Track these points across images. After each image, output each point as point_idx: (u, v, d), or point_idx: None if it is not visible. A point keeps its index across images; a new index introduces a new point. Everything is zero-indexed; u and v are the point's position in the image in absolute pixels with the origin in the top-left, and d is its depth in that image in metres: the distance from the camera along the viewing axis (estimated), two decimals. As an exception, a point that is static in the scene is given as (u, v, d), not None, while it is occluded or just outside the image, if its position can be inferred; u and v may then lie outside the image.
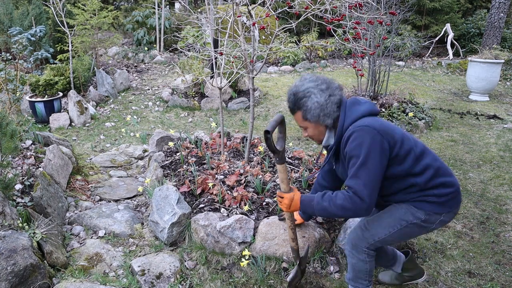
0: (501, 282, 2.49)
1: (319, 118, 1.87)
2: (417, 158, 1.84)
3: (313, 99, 1.84)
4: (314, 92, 1.84)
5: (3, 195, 2.57)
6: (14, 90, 4.76)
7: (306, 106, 1.86)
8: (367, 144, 1.74)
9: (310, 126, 1.93)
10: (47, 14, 7.79)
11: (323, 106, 1.84)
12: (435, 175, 1.86)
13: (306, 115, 1.88)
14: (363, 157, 1.74)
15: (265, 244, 2.57)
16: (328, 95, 1.85)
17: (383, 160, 1.76)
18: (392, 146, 1.78)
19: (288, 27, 2.82)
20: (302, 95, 1.86)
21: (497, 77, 7.26)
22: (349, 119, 1.84)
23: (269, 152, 3.85)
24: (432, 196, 1.87)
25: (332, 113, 1.87)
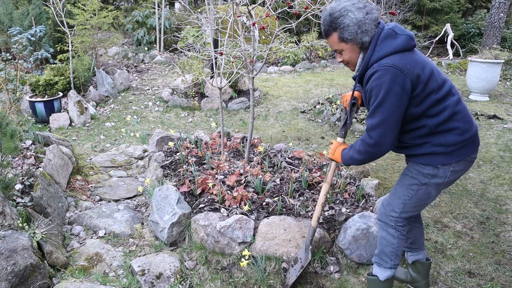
0: (501, 282, 2.49)
1: (356, 35, 1.79)
2: (437, 101, 1.80)
3: (350, 16, 1.77)
4: (351, 10, 1.78)
5: (3, 195, 2.57)
6: (14, 90, 4.76)
7: (344, 23, 1.78)
8: (387, 85, 1.71)
9: (346, 47, 1.86)
10: (47, 14, 7.79)
11: (361, 22, 1.77)
12: (449, 119, 1.81)
13: (343, 34, 1.81)
14: (380, 97, 1.73)
15: (265, 244, 2.57)
16: (366, 12, 1.78)
17: (403, 101, 1.74)
18: (415, 86, 1.75)
19: (288, 27, 2.82)
20: (339, 14, 1.79)
21: (497, 77, 7.26)
22: (377, 54, 1.78)
23: (269, 152, 3.85)
24: (438, 146, 1.83)
25: (370, 29, 1.79)
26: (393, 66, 1.71)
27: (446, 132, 1.83)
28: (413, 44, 1.80)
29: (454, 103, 1.83)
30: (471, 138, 1.86)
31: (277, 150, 3.94)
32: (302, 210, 2.85)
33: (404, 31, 1.81)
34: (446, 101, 1.82)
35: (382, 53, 1.77)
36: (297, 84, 8.06)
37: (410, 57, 1.76)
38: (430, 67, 1.81)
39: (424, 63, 1.79)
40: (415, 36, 1.86)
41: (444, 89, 1.82)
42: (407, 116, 1.82)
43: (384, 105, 1.74)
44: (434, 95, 1.79)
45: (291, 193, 3.05)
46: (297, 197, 3.05)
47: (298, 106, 6.62)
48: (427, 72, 1.78)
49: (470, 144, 1.87)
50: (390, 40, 1.78)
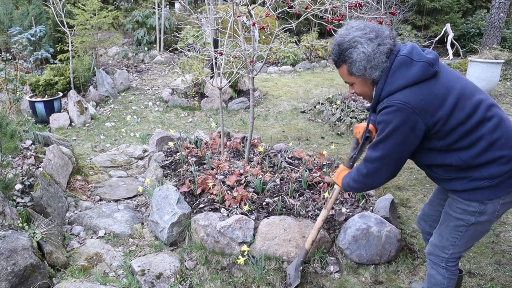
0: (501, 282, 2.49)
1: (365, 71, 1.65)
2: (466, 132, 1.59)
3: (359, 49, 1.61)
4: (361, 42, 1.61)
5: (3, 195, 2.57)
6: (14, 90, 4.76)
7: (352, 58, 1.64)
8: (395, 123, 1.58)
9: (357, 81, 1.72)
10: (47, 14, 7.79)
11: (370, 57, 1.61)
12: (488, 149, 1.59)
13: (351, 68, 1.67)
14: (385, 134, 1.62)
15: (265, 244, 2.57)
16: (377, 44, 1.61)
17: (409, 142, 1.61)
18: (432, 124, 1.58)
19: (288, 27, 2.82)
20: (348, 45, 1.63)
21: (497, 77, 7.26)
22: (388, 87, 1.62)
23: (269, 152, 3.85)
24: (482, 180, 1.62)
25: (380, 64, 1.63)
26: (404, 104, 1.55)
27: (487, 164, 1.61)
28: (432, 71, 1.58)
29: (491, 129, 1.59)
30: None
31: (277, 150, 3.94)
32: (302, 210, 2.85)
33: (422, 57, 1.60)
34: (479, 130, 1.59)
35: (393, 87, 1.60)
36: (297, 84, 8.06)
37: (427, 90, 1.57)
38: (456, 94, 1.59)
39: (447, 91, 1.58)
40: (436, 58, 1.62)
41: (476, 117, 1.59)
42: (432, 150, 1.67)
43: (387, 142, 1.63)
44: (462, 126, 1.58)
45: (291, 193, 3.05)
46: (297, 197, 3.05)
47: (298, 106, 6.62)
48: (450, 104, 1.57)
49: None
50: (404, 70, 1.59)
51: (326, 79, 8.51)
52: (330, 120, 5.71)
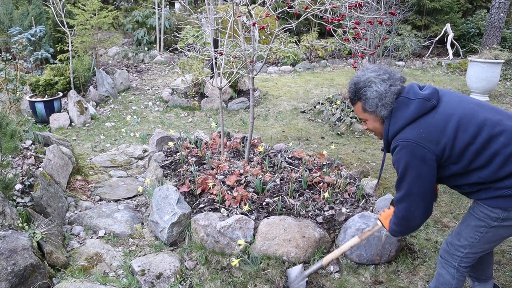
0: (501, 282, 2.49)
1: (376, 108, 1.80)
2: (478, 151, 1.66)
3: (373, 88, 1.78)
4: (375, 82, 1.78)
5: (3, 195, 2.57)
6: (14, 90, 4.76)
7: (366, 96, 1.80)
8: (405, 160, 1.71)
9: (369, 118, 1.87)
10: (47, 14, 7.79)
11: (382, 95, 1.77)
12: (505, 163, 1.64)
13: (365, 105, 1.82)
14: (400, 173, 1.74)
15: (265, 244, 2.57)
16: (389, 85, 1.78)
17: (425, 172, 1.70)
18: (440, 151, 1.68)
19: (288, 27, 2.82)
20: (363, 84, 1.81)
21: (497, 77, 7.26)
22: (392, 128, 1.78)
23: (269, 152, 3.85)
24: (505, 189, 1.66)
25: (390, 103, 1.78)
26: (408, 141, 1.70)
27: (508, 176, 1.65)
28: (429, 105, 1.72)
29: (504, 143, 1.64)
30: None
31: (277, 150, 3.94)
32: (302, 210, 2.85)
33: (418, 94, 1.76)
34: (491, 147, 1.65)
35: (396, 128, 1.76)
36: (297, 84, 8.06)
37: (425, 123, 1.71)
38: (457, 118, 1.69)
39: (446, 118, 1.70)
40: (435, 93, 1.78)
41: (484, 134, 1.66)
42: (455, 174, 1.74)
43: (405, 180, 1.74)
44: (472, 146, 1.66)
45: (291, 193, 3.05)
46: (297, 197, 3.05)
47: (298, 106, 6.62)
48: (451, 129, 1.68)
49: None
50: (402, 111, 1.75)
51: (326, 79, 8.51)
52: (330, 120, 5.71)
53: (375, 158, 4.50)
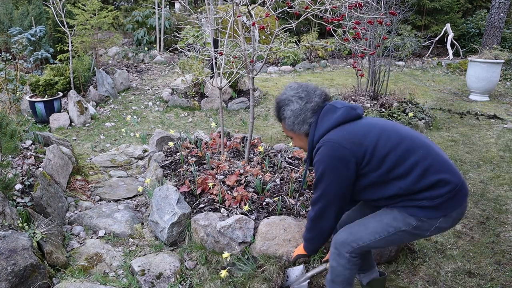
0: (501, 282, 2.49)
1: (294, 127, 1.87)
2: (398, 159, 1.69)
3: (290, 107, 1.85)
4: (292, 100, 1.85)
5: (3, 195, 2.57)
6: (14, 90, 4.76)
7: (284, 115, 1.88)
8: (326, 160, 1.72)
9: (293, 135, 1.94)
10: (47, 14, 7.79)
11: (296, 114, 1.84)
12: (424, 174, 1.67)
13: (285, 122, 1.89)
14: (320, 173, 1.75)
15: (265, 244, 2.57)
16: (305, 102, 1.83)
17: (344, 174, 1.72)
18: (361, 154, 1.70)
19: (288, 27, 2.82)
20: (283, 103, 1.88)
21: (497, 77, 7.26)
22: (318, 132, 1.80)
23: (269, 152, 3.85)
24: (423, 200, 1.69)
25: (306, 119, 1.84)
26: (331, 141, 1.72)
27: (427, 189, 1.69)
28: (355, 113, 1.80)
29: (423, 156, 1.69)
30: (456, 188, 1.69)
31: (277, 150, 3.94)
32: (302, 210, 2.85)
33: (344, 104, 1.82)
34: (411, 158, 1.69)
35: (322, 130, 1.79)
36: (297, 84, 8.06)
37: (350, 127, 1.76)
38: (379, 128, 1.75)
39: (370, 126, 1.76)
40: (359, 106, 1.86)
41: (405, 144, 1.71)
42: (374, 183, 1.75)
43: (323, 181, 1.76)
44: (394, 152, 1.70)
45: (291, 193, 3.05)
46: (297, 197, 3.05)
47: (298, 106, 6.61)
48: (374, 134, 1.72)
49: (456, 195, 1.70)
50: (329, 115, 1.80)
51: (326, 79, 8.51)
52: (330, 120, 5.70)
53: (375, 158, 4.50)
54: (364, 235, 1.83)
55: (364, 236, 1.84)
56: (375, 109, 5.56)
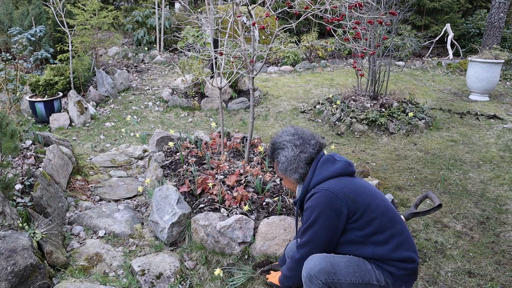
0: (501, 282, 2.49)
1: (286, 172, 1.93)
2: (381, 227, 1.78)
3: (284, 153, 1.91)
4: (287, 146, 1.91)
5: (3, 195, 2.57)
6: (14, 90, 4.76)
7: (278, 159, 1.94)
8: (320, 208, 1.76)
9: (283, 177, 1.99)
10: (47, 14, 7.79)
11: (290, 161, 1.90)
12: (398, 248, 1.79)
13: (278, 165, 1.96)
14: (312, 219, 1.78)
15: (265, 244, 2.57)
16: (299, 151, 1.90)
17: (335, 224, 1.76)
18: (353, 210, 1.76)
19: (288, 27, 2.82)
20: (278, 146, 1.95)
21: (497, 77, 7.26)
22: (316, 178, 1.85)
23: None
24: (392, 267, 1.80)
25: (298, 169, 1.90)
26: (329, 190, 1.76)
27: (399, 260, 1.79)
28: (351, 170, 1.87)
29: (400, 231, 1.81)
30: (416, 268, 1.84)
31: (277, 150, 3.93)
32: (302, 210, 2.85)
33: (342, 158, 1.91)
34: (392, 229, 1.79)
35: (320, 178, 1.84)
36: (297, 84, 8.07)
37: (348, 181, 1.82)
38: (371, 192, 1.83)
39: (363, 188, 1.83)
40: (353, 164, 1.95)
41: (389, 215, 1.81)
42: (352, 241, 1.81)
43: (314, 226, 1.78)
44: (379, 220, 1.78)
45: (291, 193, 3.05)
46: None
47: (298, 106, 6.62)
48: (367, 197, 1.79)
49: (415, 274, 1.85)
50: (328, 165, 1.86)
51: (326, 79, 8.52)
52: (330, 120, 5.71)
53: (375, 158, 4.51)
54: (344, 273, 1.82)
55: (344, 273, 1.82)
56: (375, 109, 5.56)
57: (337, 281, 1.82)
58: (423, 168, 4.20)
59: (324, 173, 1.85)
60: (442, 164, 4.31)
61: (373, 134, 5.30)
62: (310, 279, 1.84)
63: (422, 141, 5.06)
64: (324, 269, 1.82)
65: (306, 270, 1.86)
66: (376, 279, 1.82)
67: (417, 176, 4.00)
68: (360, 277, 1.82)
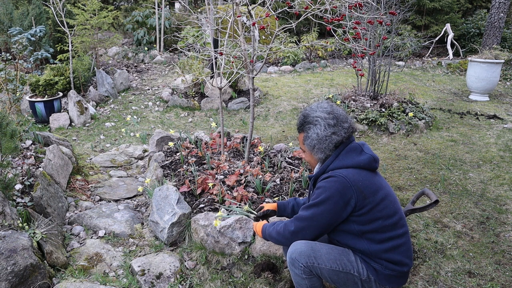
0: (501, 282, 2.49)
1: (313, 149, 1.88)
2: (383, 228, 1.79)
3: (316, 130, 1.84)
4: (320, 123, 1.84)
5: (3, 195, 2.57)
6: (14, 90, 4.76)
7: (308, 132, 1.87)
8: (331, 192, 1.74)
9: (306, 151, 1.95)
10: (47, 14, 7.79)
11: (321, 140, 1.84)
12: (393, 250, 1.80)
13: (305, 140, 1.90)
14: (320, 199, 1.77)
15: (265, 244, 2.57)
16: (332, 132, 1.83)
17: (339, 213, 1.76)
18: (361, 206, 1.75)
19: (288, 27, 2.82)
20: (310, 120, 1.87)
21: (497, 77, 7.26)
22: (337, 163, 1.83)
23: (269, 152, 3.85)
24: (380, 265, 1.81)
25: (326, 150, 1.86)
26: (345, 178, 1.74)
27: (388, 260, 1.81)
28: (374, 165, 1.84)
29: (399, 235, 1.82)
30: (406, 274, 1.86)
31: (277, 150, 3.94)
32: (302, 210, 2.85)
33: (370, 151, 1.87)
34: (391, 232, 1.80)
35: (341, 164, 1.81)
36: (297, 84, 8.07)
37: (366, 176, 1.79)
38: (385, 193, 1.81)
39: (379, 187, 1.81)
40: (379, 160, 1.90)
41: (394, 219, 1.81)
42: (348, 231, 1.83)
43: (320, 207, 1.77)
44: (383, 221, 1.78)
45: (291, 193, 3.05)
46: (297, 197, 3.04)
47: (298, 106, 6.62)
48: (379, 196, 1.78)
49: (403, 277, 1.86)
50: (354, 155, 1.83)
51: (326, 79, 8.52)
52: (330, 120, 5.70)
53: (375, 158, 4.50)
54: (325, 258, 1.83)
55: (324, 259, 1.83)
56: (375, 109, 5.56)
57: (317, 265, 1.82)
58: (423, 168, 4.20)
59: (347, 161, 1.81)
60: (442, 164, 4.31)
61: (373, 134, 5.30)
62: (292, 262, 1.86)
63: (422, 141, 5.06)
64: (305, 252, 1.83)
65: (289, 255, 1.88)
66: (357, 271, 1.83)
67: (417, 176, 4.00)
68: (341, 265, 1.83)
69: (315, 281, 1.89)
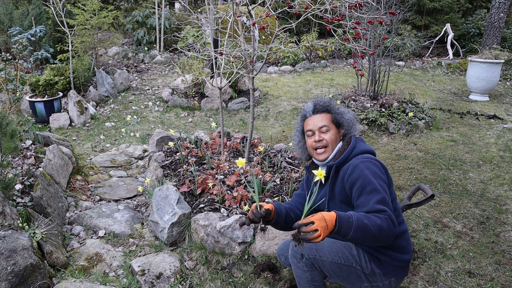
0: (501, 282, 2.49)
1: (350, 126, 1.99)
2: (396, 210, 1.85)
3: (350, 114, 2.03)
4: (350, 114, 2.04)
5: (3, 195, 2.57)
6: (14, 90, 4.76)
7: (343, 115, 2.00)
8: (369, 167, 1.78)
9: (334, 130, 1.98)
10: (47, 14, 7.79)
11: (354, 122, 2.02)
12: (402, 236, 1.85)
13: (338, 118, 1.98)
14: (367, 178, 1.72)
15: (265, 244, 2.57)
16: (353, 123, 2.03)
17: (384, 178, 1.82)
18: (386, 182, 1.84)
19: (288, 27, 2.82)
20: (338, 107, 2.04)
21: (497, 77, 7.26)
22: (359, 148, 1.92)
23: (269, 152, 3.85)
24: (387, 256, 1.82)
25: (352, 131, 2.01)
26: (372, 157, 1.87)
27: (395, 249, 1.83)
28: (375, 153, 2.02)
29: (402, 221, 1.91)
30: (408, 262, 1.89)
31: (277, 150, 3.94)
32: (302, 210, 2.85)
33: None
34: (400, 216, 1.90)
35: (363, 149, 1.92)
36: (297, 84, 8.07)
37: None
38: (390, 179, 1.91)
39: None
40: None
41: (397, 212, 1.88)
42: None
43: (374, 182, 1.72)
44: (394, 203, 1.85)
45: (291, 193, 3.04)
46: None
47: (298, 106, 6.62)
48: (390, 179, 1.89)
49: (407, 267, 1.90)
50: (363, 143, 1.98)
51: (326, 79, 8.51)
52: (330, 120, 5.70)
53: (375, 158, 4.50)
54: (327, 251, 1.82)
55: (326, 251, 1.81)
56: (375, 109, 5.56)
57: (319, 258, 1.82)
58: (423, 168, 4.20)
59: (365, 147, 1.94)
60: (442, 164, 4.31)
61: (373, 134, 5.30)
62: (294, 254, 1.87)
63: (422, 141, 5.06)
64: (307, 244, 1.82)
65: (291, 247, 1.90)
66: (360, 264, 1.83)
67: (417, 176, 4.00)
68: (343, 258, 1.82)
69: (316, 274, 1.87)
